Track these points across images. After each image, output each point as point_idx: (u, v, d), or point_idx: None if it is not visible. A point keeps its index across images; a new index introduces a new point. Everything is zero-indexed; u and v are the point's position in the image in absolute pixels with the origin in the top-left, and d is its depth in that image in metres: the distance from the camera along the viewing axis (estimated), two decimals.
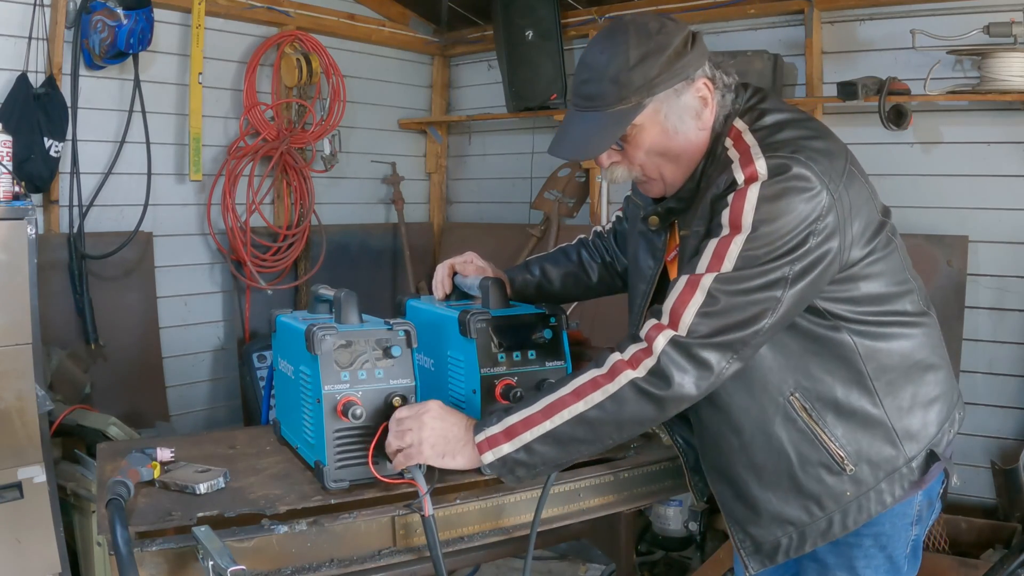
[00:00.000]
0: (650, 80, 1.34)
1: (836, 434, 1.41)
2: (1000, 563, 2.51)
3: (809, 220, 1.29)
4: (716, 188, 1.35)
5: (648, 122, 1.38)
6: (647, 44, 1.34)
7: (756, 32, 3.81)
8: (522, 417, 1.37)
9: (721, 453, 1.49)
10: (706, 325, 1.30)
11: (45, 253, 3.14)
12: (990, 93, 3.06)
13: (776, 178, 1.29)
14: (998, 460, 3.11)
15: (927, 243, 3.26)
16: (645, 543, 3.49)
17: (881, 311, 1.41)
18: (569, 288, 1.87)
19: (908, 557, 1.50)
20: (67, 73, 3.26)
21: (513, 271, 1.85)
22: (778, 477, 1.44)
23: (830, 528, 1.43)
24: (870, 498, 1.42)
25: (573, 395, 1.35)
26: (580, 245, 1.90)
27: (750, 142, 1.36)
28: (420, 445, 1.39)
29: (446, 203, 5.00)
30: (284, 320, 1.67)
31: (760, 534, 1.48)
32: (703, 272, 1.32)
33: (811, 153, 1.31)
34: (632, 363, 1.33)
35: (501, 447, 1.37)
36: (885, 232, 1.43)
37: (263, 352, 3.88)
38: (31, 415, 2.58)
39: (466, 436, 1.41)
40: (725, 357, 1.31)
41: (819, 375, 1.40)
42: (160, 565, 1.31)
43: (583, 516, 1.63)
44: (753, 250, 1.29)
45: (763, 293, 1.30)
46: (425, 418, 1.40)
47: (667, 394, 1.31)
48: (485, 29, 4.57)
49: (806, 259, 1.30)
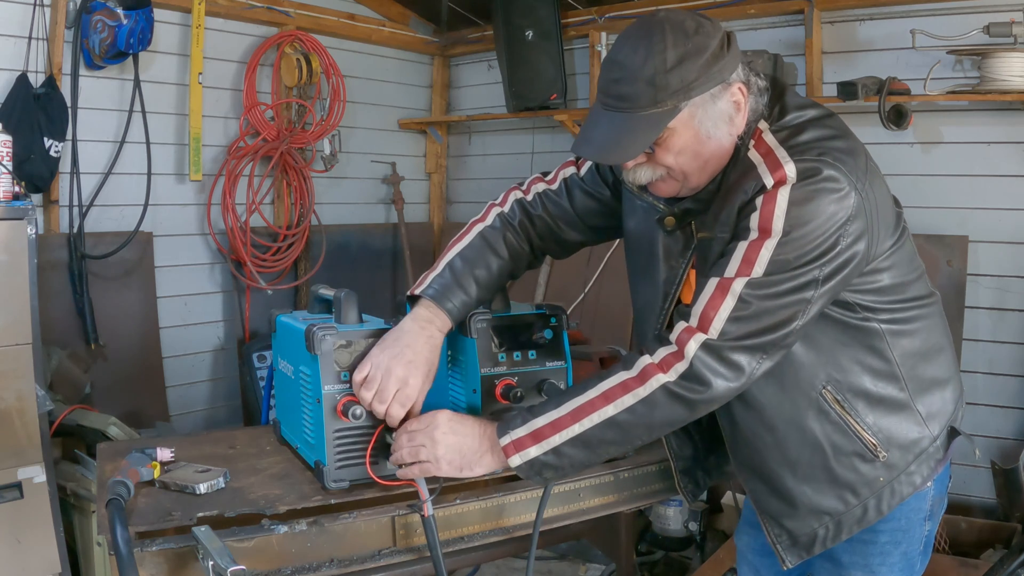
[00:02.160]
0: (688, 84, 1.29)
1: (867, 422, 1.42)
2: (1000, 563, 2.51)
3: (839, 223, 1.28)
4: (744, 194, 1.33)
5: (682, 126, 1.33)
6: (685, 45, 1.29)
7: (756, 32, 3.81)
8: (549, 420, 1.36)
9: (755, 451, 1.49)
10: (738, 328, 1.30)
11: (45, 253, 3.15)
12: (990, 93, 3.06)
13: (806, 181, 1.28)
14: (998, 460, 3.11)
15: (927, 243, 3.26)
16: (645, 543, 3.49)
17: (903, 298, 1.43)
18: (500, 285, 1.65)
19: (921, 554, 1.52)
20: (67, 73, 3.26)
21: (449, 296, 1.53)
22: (813, 470, 1.45)
23: (865, 515, 1.45)
24: (902, 481, 1.44)
25: (602, 398, 1.34)
26: (504, 228, 1.64)
27: (772, 144, 1.34)
28: (437, 462, 1.40)
29: (446, 203, 5.00)
30: (284, 320, 1.67)
31: (796, 527, 1.49)
32: (733, 276, 1.30)
33: (837, 154, 1.30)
34: (663, 367, 1.32)
35: (528, 450, 1.36)
36: (901, 222, 1.45)
37: (263, 352, 3.88)
38: (31, 415, 2.58)
39: (481, 445, 1.41)
40: (756, 358, 1.31)
41: (849, 366, 1.42)
42: (160, 565, 1.31)
43: (583, 516, 1.64)
44: (784, 254, 1.28)
45: (794, 296, 1.30)
46: (436, 435, 1.40)
47: (700, 397, 1.31)
48: (485, 29, 4.57)
49: (836, 261, 1.30)
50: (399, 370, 1.43)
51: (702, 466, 1.69)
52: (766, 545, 1.73)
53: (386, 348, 1.45)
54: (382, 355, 1.44)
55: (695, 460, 1.68)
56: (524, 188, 1.70)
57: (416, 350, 1.46)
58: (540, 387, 1.59)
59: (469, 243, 1.62)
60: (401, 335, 1.47)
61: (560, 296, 3.90)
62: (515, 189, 1.70)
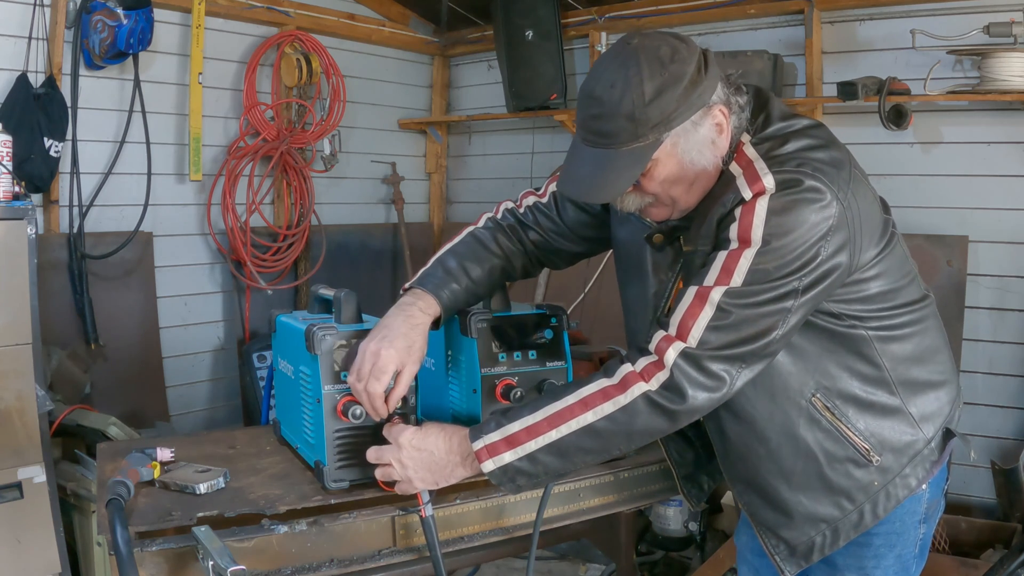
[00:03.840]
0: (667, 115, 1.27)
1: (859, 428, 1.42)
2: (1000, 563, 2.51)
3: (820, 234, 1.27)
4: (723, 207, 1.32)
5: (665, 156, 1.31)
6: (661, 75, 1.26)
7: (756, 32, 3.81)
8: (525, 425, 1.35)
9: (748, 464, 1.49)
10: (716, 338, 1.29)
11: (45, 253, 3.15)
12: (990, 93, 3.06)
13: (785, 191, 1.27)
14: (998, 460, 3.11)
15: (927, 243, 3.26)
16: (645, 543, 3.49)
17: (892, 304, 1.42)
18: (496, 283, 1.66)
19: (916, 557, 1.51)
20: (67, 73, 3.26)
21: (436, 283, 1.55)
22: (807, 478, 1.44)
23: (861, 520, 1.45)
24: (896, 484, 1.44)
25: (581, 405, 1.33)
26: (496, 230, 1.65)
27: (752, 156, 1.33)
28: (410, 481, 1.40)
29: (446, 203, 5.00)
30: (284, 320, 1.67)
31: (793, 536, 1.48)
32: (712, 285, 1.30)
33: (818, 164, 1.29)
34: (644, 376, 1.31)
35: (502, 455, 1.35)
36: (889, 228, 1.43)
37: (263, 352, 3.88)
38: (31, 415, 2.58)
39: (449, 457, 1.39)
40: (735, 367, 1.31)
41: (837, 372, 1.41)
42: (160, 565, 1.31)
43: (583, 516, 1.64)
44: (763, 264, 1.27)
45: (773, 306, 1.29)
46: (402, 456, 1.40)
47: (681, 408, 1.31)
48: (485, 29, 4.57)
49: (816, 272, 1.29)
50: (372, 344, 1.42)
51: (705, 470, 1.69)
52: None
53: (368, 335, 1.46)
54: (362, 343, 1.45)
55: (697, 465, 1.68)
56: (516, 202, 1.70)
57: (391, 327, 1.45)
58: (540, 387, 1.59)
59: (460, 241, 1.64)
60: (382, 321, 1.48)
61: (560, 296, 3.90)
62: (507, 201, 1.71)
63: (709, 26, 3.91)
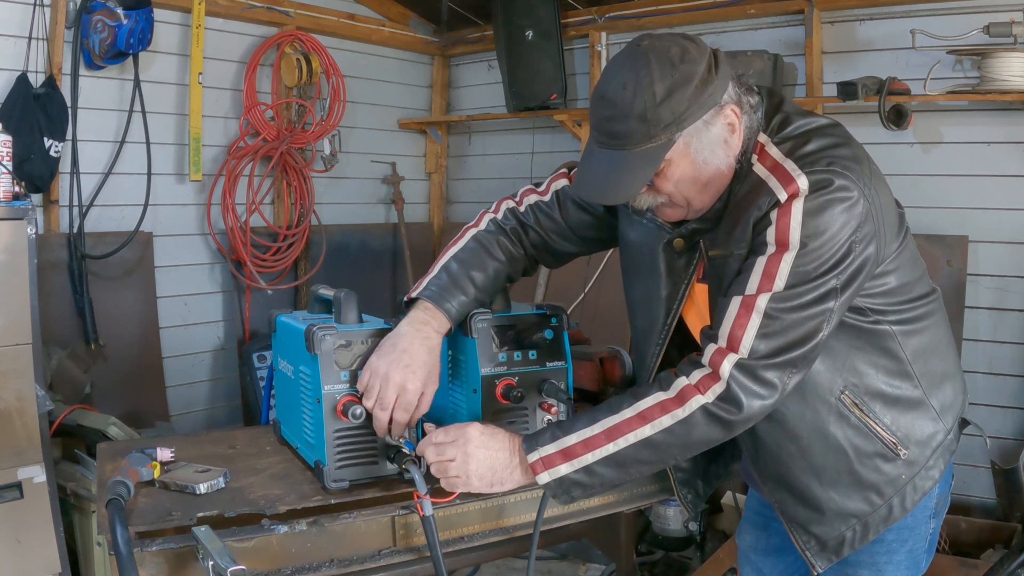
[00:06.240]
0: (679, 115, 1.29)
1: (886, 422, 1.44)
2: (1000, 563, 2.51)
3: (851, 229, 1.29)
4: (758, 209, 1.32)
5: (678, 156, 1.33)
6: (672, 75, 1.28)
7: (756, 32, 3.81)
8: (582, 438, 1.36)
9: (780, 462, 1.50)
10: (767, 345, 1.30)
11: (45, 253, 3.15)
12: (990, 93, 3.06)
13: (818, 192, 1.28)
14: (998, 460, 3.11)
15: (927, 243, 3.26)
16: (645, 543, 3.49)
17: (909, 297, 1.45)
18: (499, 288, 1.65)
19: (926, 551, 1.54)
20: (67, 73, 3.26)
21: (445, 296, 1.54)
22: (838, 474, 1.46)
23: (891, 513, 1.47)
24: (922, 476, 1.47)
25: (639, 418, 1.34)
26: (499, 233, 1.64)
27: (778, 156, 1.34)
28: (468, 478, 1.39)
29: (446, 203, 5.00)
30: (284, 320, 1.67)
31: (824, 532, 1.50)
32: (755, 292, 1.31)
33: (845, 162, 1.31)
34: (700, 388, 1.32)
35: (558, 468, 1.36)
36: (904, 223, 1.47)
37: (263, 352, 3.88)
38: (31, 415, 2.58)
39: (512, 460, 1.40)
40: (787, 373, 1.32)
41: (864, 369, 1.43)
42: (160, 565, 1.31)
43: (583, 516, 1.63)
44: (804, 266, 1.29)
45: (817, 307, 1.30)
46: (469, 449, 1.39)
47: (738, 418, 1.32)
48: (485, 29, 4.57)
49: (852, 267, 1.31)
50: (396, 376, 1.42)
51: (702, 476, 1.70)
52: (770, 545, 1.74)
53: (383, 355, 1.45)
54: (379, 362, 1.44)
55: (694, 472, 1.69)
56: (516, 199, 1.69)
57: (412, 354, 1.45)
58: (540, 387, 1.59)
59: (464, 246, 1.62)
60: (398, 340, 1.46)
61: (560, 296, 3.89)
62: (507, 199, 1.70)
63: (709, 26, 3.91)
